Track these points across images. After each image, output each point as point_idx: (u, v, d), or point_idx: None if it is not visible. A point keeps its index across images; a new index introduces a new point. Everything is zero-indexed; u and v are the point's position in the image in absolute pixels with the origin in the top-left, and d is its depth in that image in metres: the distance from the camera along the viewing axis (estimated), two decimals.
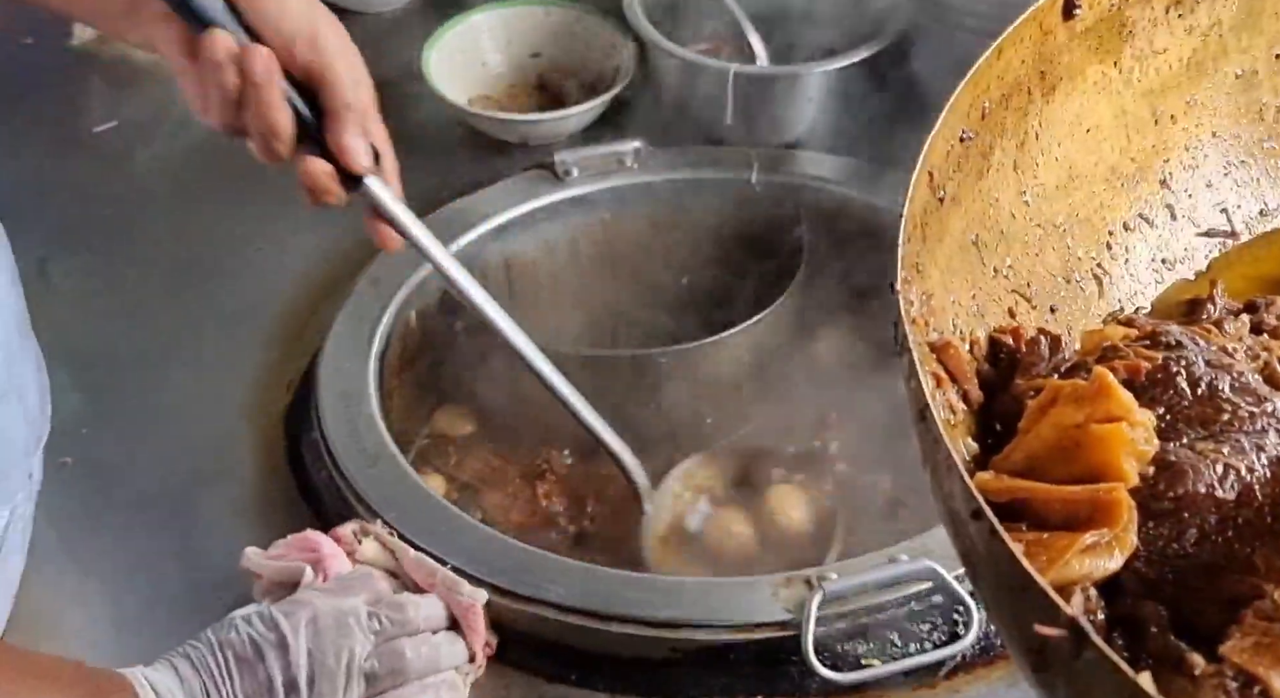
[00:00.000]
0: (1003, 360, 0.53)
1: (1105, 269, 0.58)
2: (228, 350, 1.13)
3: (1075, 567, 0.45)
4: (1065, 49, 0.57)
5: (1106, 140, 0.59)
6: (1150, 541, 0.47)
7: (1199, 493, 0.46)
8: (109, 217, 1.24)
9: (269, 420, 1.08)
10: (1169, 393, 0.49)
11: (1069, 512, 0.47)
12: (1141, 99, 0.60)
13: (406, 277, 1.14)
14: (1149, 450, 0.47)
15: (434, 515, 0.96)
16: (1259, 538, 0.45)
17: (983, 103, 0.54)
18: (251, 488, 1.04)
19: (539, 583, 0.90)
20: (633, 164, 1.22)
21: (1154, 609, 0.46)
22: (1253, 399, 0.48)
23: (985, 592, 0.43)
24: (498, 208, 1.19)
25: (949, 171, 0.53)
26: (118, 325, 1.16)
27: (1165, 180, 0.60)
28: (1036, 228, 0.57)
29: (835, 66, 1.22)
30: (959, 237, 0.54)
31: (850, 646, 0.88)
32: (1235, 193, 0.61)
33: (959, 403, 0.51)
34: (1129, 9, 0.58)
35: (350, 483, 0.98)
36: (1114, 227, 0.59)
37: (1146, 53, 0.59)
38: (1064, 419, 0.48)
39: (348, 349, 1.08)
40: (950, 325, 0.52)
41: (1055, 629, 0.35)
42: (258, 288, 1.18)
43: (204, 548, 1.00)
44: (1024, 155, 0.56)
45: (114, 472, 1.05)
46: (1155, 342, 0.51)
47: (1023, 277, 0.56)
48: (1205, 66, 0.61)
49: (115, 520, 1.01)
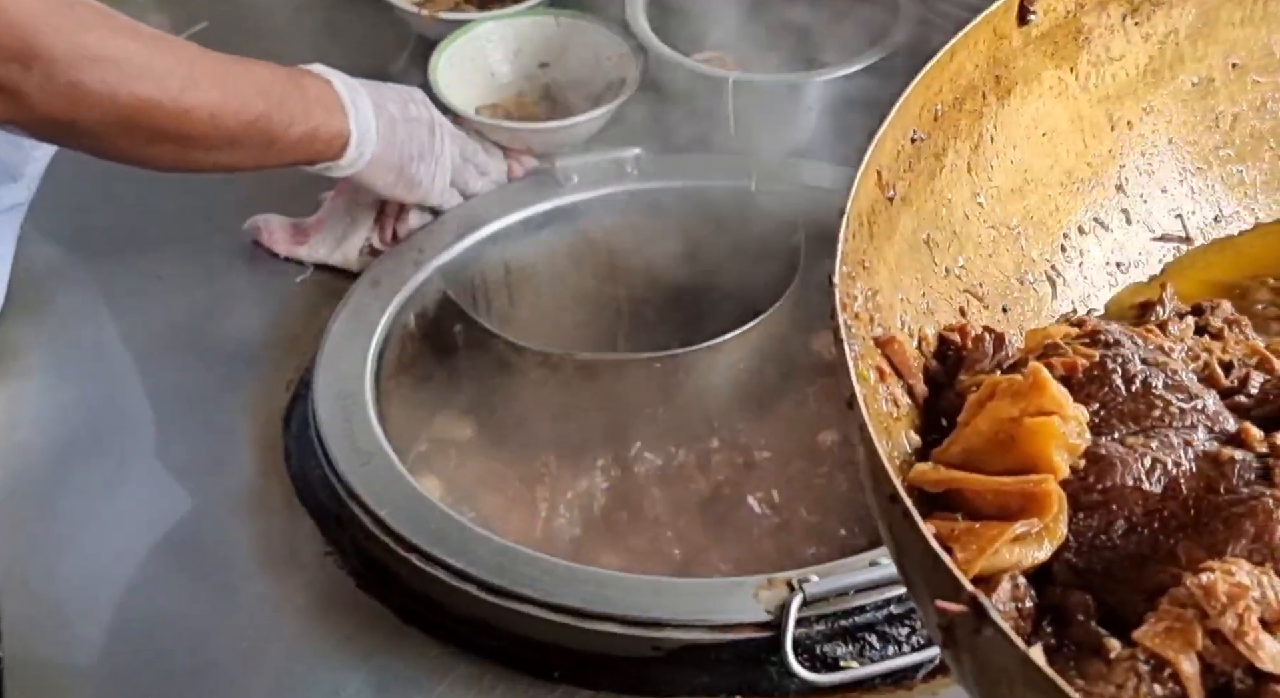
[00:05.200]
0: (950, 358, 0.54)
1: (1059, 271, 0.59)
2: (230, 350, 1.15)
3: (1005, 555, 0.47)
4: (1020, 54, 0.58)
5: (1062, 144, 0.60)
6: (1080, 532, 0.47)
7: (1127, 486, 0.47)
8: (114, 215, 1.27)
9: (268, 419, 1.10)
10: (1104, 389, 0.50)
11: (1001, 503, 0.48)
12: (1098, 105, 0.61)
13: (406, 279, 1.16)
14: (1080, 444, 0.48)
15: (424, 513, 0.98)
16: (1182, 530, 0.46)
17: (935, 105, 0.55)
18: (249, 485, 1.06)
19: (523, 580, 0.92)
20: (633, 171, 1.23)
21: (1081, 599, 0.46)
22: (1184, 396, 0.49)
23: (904, 572, 0.44)
24: (498, 213, 1.21)
25: (899, 171, 0.54)
26: (120, 323, 1.18)
27: (1121, 185, 0.61)
28: (990, 229, 0.58)
29: (835, 76, 1.23)
30: (910, 235, 0.55)
31: (830, 647, 0.89)
32: (1190, 199, 0.62)
33: (904, 397, 0.52)
34: (1085, 15, 0.59)
35: (343, 480, 1.00)
36: (1069, 229, 0.60)
37: (1103, 59, 0.60)
38: (1000, 413, 0.49)
39: (345, 350, 1.10)
40: (898, 322, 0.53)
41: (957, 605, 0.36)
42: (261, 288, 1.20)
43: (198, 544, 1.02)
44: (978, 158, 0.57)
45: (113, 465, 1.07)
46: (1094, 340, 0.52)
47: (975, 276, 0.57)
48: (1162, 74, 0.62)
49: (112, 512, 1.03)
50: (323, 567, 1.00)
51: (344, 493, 1.00)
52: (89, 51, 0.93)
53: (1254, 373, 0.53)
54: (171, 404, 1.12)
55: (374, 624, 0.95)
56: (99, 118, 0.95)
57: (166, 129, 0.98)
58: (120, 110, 0.95)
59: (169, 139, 0.99)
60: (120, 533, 1.02)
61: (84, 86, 0.93)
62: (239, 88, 1.01)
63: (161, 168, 1.03)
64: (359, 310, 1.13)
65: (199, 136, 1.00)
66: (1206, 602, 0.42)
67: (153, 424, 1.11)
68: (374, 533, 0.97)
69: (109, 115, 0.95)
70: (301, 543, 1.01)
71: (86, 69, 0.93)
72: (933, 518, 0.48)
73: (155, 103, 0.96)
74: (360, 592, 0.97)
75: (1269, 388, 0.52)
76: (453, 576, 0.93)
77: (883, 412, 0.50)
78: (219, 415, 1.10)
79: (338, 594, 0.97)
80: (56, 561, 1.00)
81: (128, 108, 0.95)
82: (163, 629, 0.96)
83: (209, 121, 0.99)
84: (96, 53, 0.93)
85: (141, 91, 0.96)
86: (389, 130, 1.12)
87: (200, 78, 0.99)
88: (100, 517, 1.03)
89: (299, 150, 1.07)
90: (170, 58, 0.98)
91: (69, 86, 0.92)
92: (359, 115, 1.09)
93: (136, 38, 0.97)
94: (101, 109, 0.95)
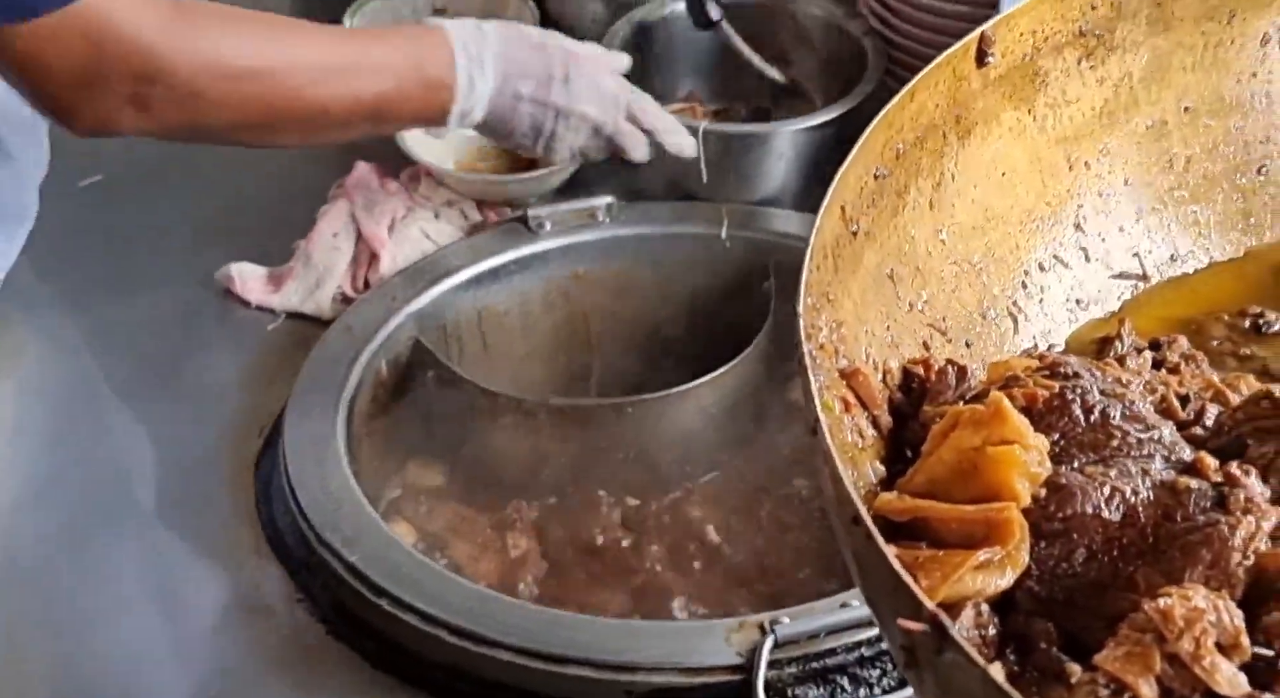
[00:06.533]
0: (914, 390, 0.55)
1: (1020, 307, 0.60)
2: (201, 396, 1.15)
3: (968, 583, 0.47)
4: (980, 95, 0.59)
5: (1022, 183, 0.61)
6: (1042, 560, 0.48)
7: (1087, 514, 0.47)
8: (86, 262, 1.27)
9: (239, 465, 1.10)
10: (1064, 420, 0.51)
11: (965, 530, 0.48)
12: (1056, 145, 0.62)
13: (379, 326, 1.16)
14: (1042, 473, 0.49)
15: (395, 558, 0.97)
16: (1141, 557, 0.46)
17: (897, 143, 0.56)
18: (218, 531, 1.05)
19: (494, 624, 0.91)
20: (605, 218, 1.24)
21: (1044, 627, 0.47)
22: (1142, 426, 0.50)
23: (868, 596, 0.44)
24: (471, 260, 1.22)
25: (863, 207, 0.55)
26: (97, 363, 1.18)
27: (1079, 224, 0.63)
28: (953, 265, 0.59)
29: (805, 126, 1.25)
30: (874, 270, 0.56)
31: (802, 690, 0.89)
32: (1147, 238, 0.64)
33: (869, 428, 0.53)
34: (1041, 59, 0.61)
35: (313, 526, 0.99)
36: (1029, 266, 0.61)
37: (1060, 101, 0.62)
38: (963, 442, 0.50)
39: (317, 396, 1.10)
40: (863, 354, 0.54)
41: (918, 625, 0.37)
42: (233, 335, 1.20)
43: (166, 589, 1.01)
44: (940, 195, 0.59)
45: (85, 504, 1.06)
46: (1054, 372, 0.53)
47: (939, 311, 0.58)
48: (1117, 116, 0.63)
49: (79, 556, 1.02)
50: (292, 613, 0.99)
51: (314, 538, 0.99)
52: (206, 60, 0.96)
53: (1209, 406, 0.54)
54: (142, 450, 1.12)
55: (344, 671, 0.95)
56: (225, 120, 1.00)
57: (288, 123, 1.03)
58: (242, 113, 0.99)
59: (290, 129, 1.04)
60: (86, 577, 1.01)
61: (205, 96, 0.97)
62: (359, 74, 1.04)
63: (285, 147, 1.11)
64: (331, 356, 1.13)
65: (320, 125, 1.04)
66: (1164, 626, 0.43)
67: (123, 470, 1.10)
68: (344, 578, 0.96)
69: (234, 118, 1.00)
70: (271, 589, 1.01)
71: (205, 79, 0.96)
72: (898, 547, 0.49)
73: (275, 102, 1.00)
74: (330, 638, 0.97)
75: (1224, 420, 0.53)
76: (423, 621, 0.93)
77: (848, 442, 0.51)
78: (189, 461, 1.10)
79: (307, 641, 0.97)
80: (19, 600, 0.99)
81: (249, 110, 0.99)
82: (129, 674, 0.95)
83: (327, 113, 1.03)
84: (213, 61, 0.96)
85: (262, 93, 0.99)
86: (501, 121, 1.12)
87: (319, 70, 1.01)
88: (66, 560, 1.02)
89: (408, 122, 1.13)
90: (289, 53, 1.01)
91: (191, 97, 0.96)
92: (472, 91, 1.09)
93: (254, 35, 1.00)
94: (225, 113, 0.99)
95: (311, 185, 1.27)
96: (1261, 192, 0.66)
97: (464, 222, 1.26)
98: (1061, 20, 0.61)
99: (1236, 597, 0.45)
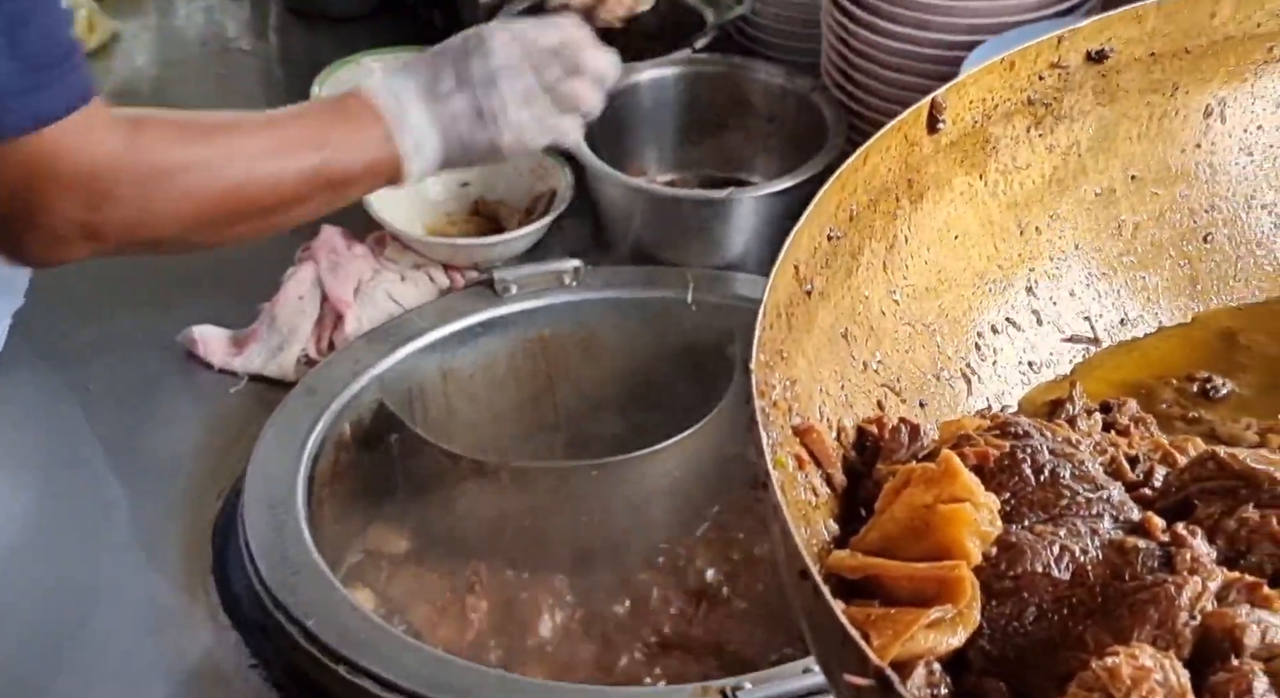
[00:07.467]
0: (868, 448, 0.55)
1: (974, 368, 0.61)
2: (161, 459, 1.14)
3: (920, 641, 0.47)
4: (931, 160, 0.60)
5: (974, 247, 0.62)
6: (994, 618, 0.48)
7: (1037, 572, 0.48)
8: (47, 325, 1.26)
9: (197, 528, 1.09)
10: (1014, 479, 0.51)
11: (917, 588, 0.48)
12: (1007, 210, 0.63)
13: (342, 388, 1.16)
14: (992, 531, 0.49)
15: (353, 624, 0.96)
16: (1090, 616, 0.47)
17: (850, 205, 0.57)
18: (174, 596, 1.04)
19: (452, 690, 0.90)
20: (571, 282, 1.25)
21: (995, 685, 0.47)
22: (1091, 486, 0.50)
23: (817, 652, 0.44)
24: (436, 322, 1.22)
25: (817, 267, 0.56)
26: (55, 426, 1.17)
27: (1031, 288, 0.64)
28: (906, 326, 0.60)
29: (768, 192, 1.27)
30: (828, 329, 0.56)
31: None
32: (1097, 302, 0.65)
33: (822, 486, 0.53)
34: (991, 126, 0.62)
35: (270, 590, 0.98)
36: (982, 328, 0.62)
37: (1010, 167, 0.63)
38: (914, 500, 0.50)
39: (277, 459, 1.09)
40: (817, 412, 0.54)
41: (865, 679, 0.37)
42: (194, 398, 1.19)
43: (120, 654, 1.00)
44: (893, 257, 0.59)
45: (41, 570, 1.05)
46: (1005, 431, 0.53)
47: (893, 371, 0.59)
48: (1066, 183, 0.65)
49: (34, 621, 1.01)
50: (247, 680, 0.98)
51: (270, 603, 0.98)
52: (152, 171, 0.95)
53: (1158, 467, 0.55)
54: (100, 513, 1.10)
55: None
56: (178, 226, 0.98)
57: (237, 213, 1.01)
58: (193, 214, 0.98)
59: (242, 219, 1.02)
60: (40, 646, 0.99)
61: (153, 207, 0.95)
62: (294, 148, 1.02)
63: (242, 241, 1.05)
64: (293, 419, 1.13)
65: (269, 206, 1.02)
66: (1112, 684, 0.43)
67: (81, 533, 1.09)
68: (300, 644, 0.95)
69: (186, 222, 0.98)
70: (225, 655, 0.99)
71: (152, 188, 0.95)
72: (851, 605, 0.48)
73: (219, 198, 0.99)
74: None
75: (1171, 481, 0.53)
76: (381, 687, 0.92)
77: (801, 499, 0.51)
78: (147, 524, 1.09)
79: None
80: None
81: (197, 212, 0.98)
82: None
83: (274, 191, 1.01)
84: (161, 169, 0.95)
85: (205, 193, 0.98)
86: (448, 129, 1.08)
87: (255, 155, 1.00)
88: (20, 626, 1.00)
89: (366, 182, 1.08)
90: (224, 147, 1.00)
91: (141, 213, 0.95)
92: (409, 129, 1.06)
93: (194, 133, 0.99)
94: (176, 219, 0.97)
95: (276, 249, 1.26)
96: (1207, 259, 0.67)
97: (431, 285, 1.27)
98: (1010, 89, 0.63)
99: (1184, 656, 0.46)
